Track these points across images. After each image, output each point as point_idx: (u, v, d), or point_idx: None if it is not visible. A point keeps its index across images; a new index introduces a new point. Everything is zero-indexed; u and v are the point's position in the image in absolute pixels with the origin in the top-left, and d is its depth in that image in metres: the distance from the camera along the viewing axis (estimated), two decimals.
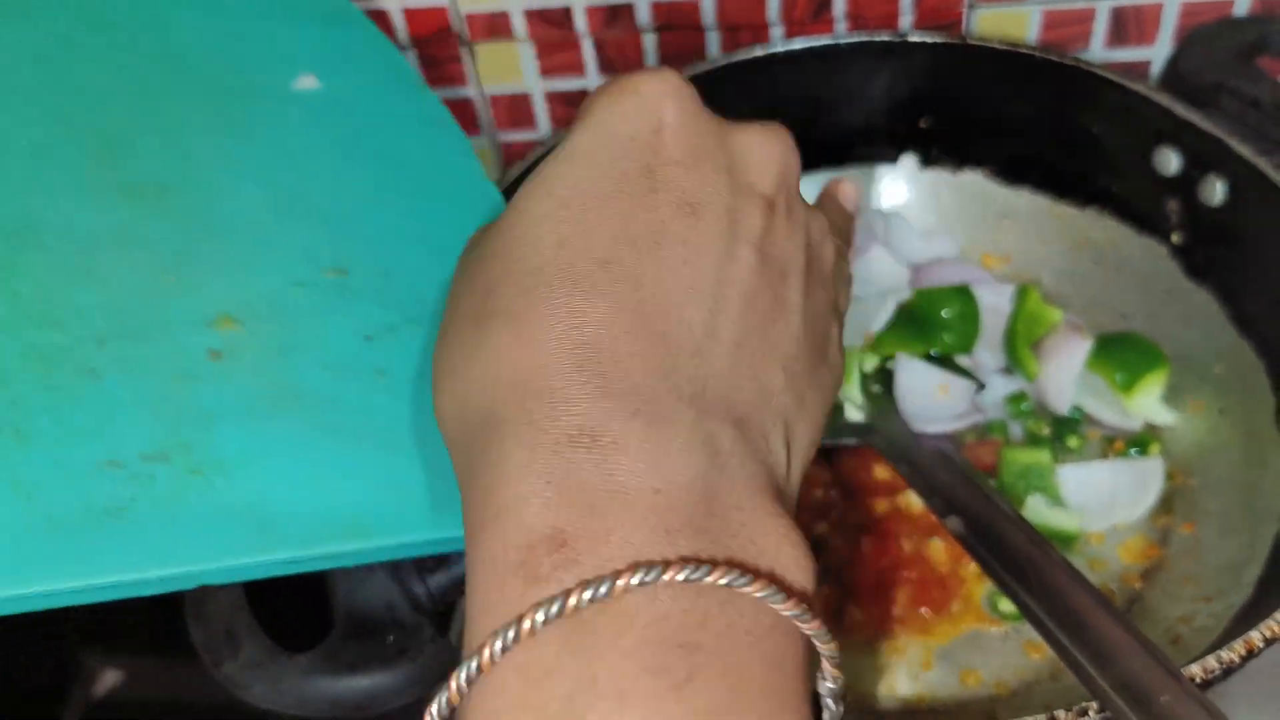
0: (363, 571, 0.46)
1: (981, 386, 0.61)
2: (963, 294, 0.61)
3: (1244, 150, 0.56)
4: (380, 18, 0.74)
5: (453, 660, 0.46)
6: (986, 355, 0.62)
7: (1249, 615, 0.49)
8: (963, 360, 0.61)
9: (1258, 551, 0.52)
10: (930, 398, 0.59)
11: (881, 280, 0.64)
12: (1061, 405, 0.60)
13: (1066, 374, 0.59)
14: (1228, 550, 0.53)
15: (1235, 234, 0.58)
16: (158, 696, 1.26)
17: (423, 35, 0.75)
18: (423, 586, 0.48)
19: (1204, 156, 0.58)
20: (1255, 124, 0.58)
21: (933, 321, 0.61)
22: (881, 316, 0.60)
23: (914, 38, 0.66)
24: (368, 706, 0.44)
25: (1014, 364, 0.61)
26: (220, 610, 0.46)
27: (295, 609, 0.56)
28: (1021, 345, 0.60)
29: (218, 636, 0.45)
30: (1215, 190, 0.58)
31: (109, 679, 1.30)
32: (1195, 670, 0.41)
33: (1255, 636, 0.42)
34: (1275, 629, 0.42)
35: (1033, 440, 0.60)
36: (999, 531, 0.48)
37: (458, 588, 0.49)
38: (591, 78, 0.77)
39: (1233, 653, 0.41)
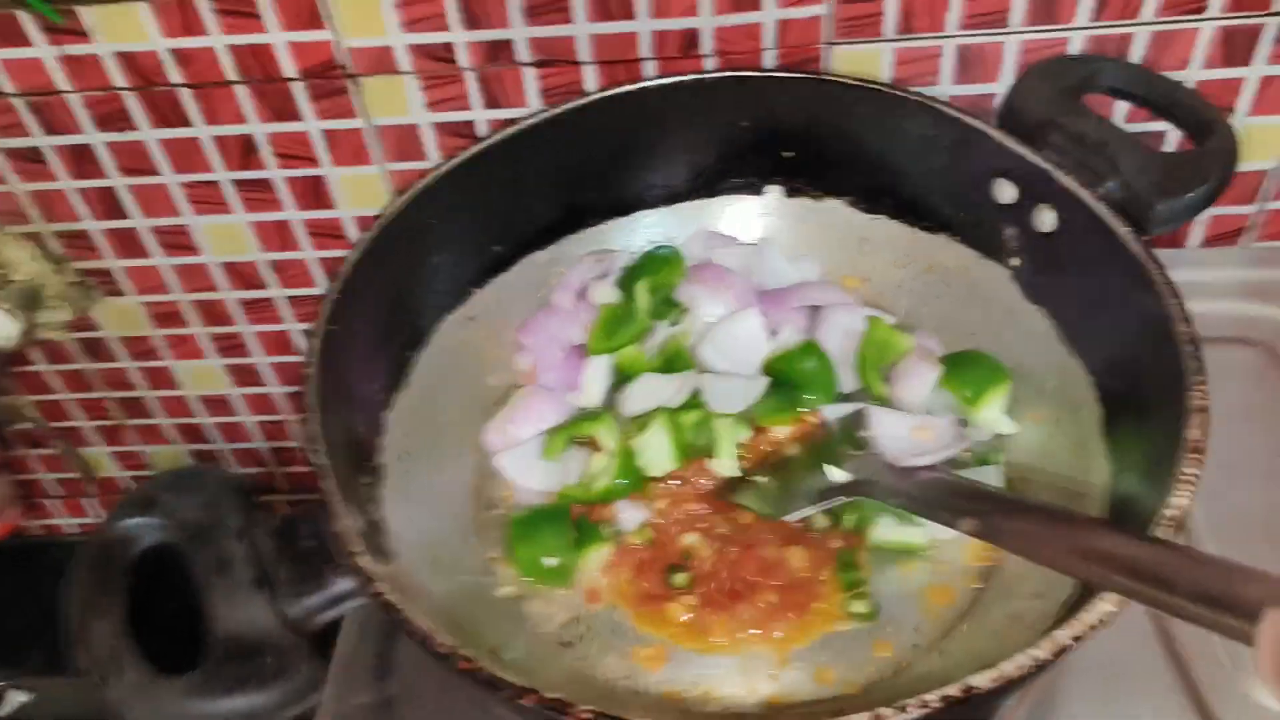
0: (240, 596, 0.49)
1: (964, 422, 0.64)
2: (810, 348, 0.65)
3: (1069, 182, 0.61)
4: (264, 50, 0.75)
5: (322, 677, 0.49)
6: (844, 376, 0.66)
7: (1074, 609, 0.52)
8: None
9: None
10: (909, 441, 0.62)
11: (749, 352, 0.68)
12: None
13: (913, 399, 0.64)
14: None
15: (1064, 259, 0.63)
16: (65, 714, 1.25)
17: (308, 68, 0.77)
18: (299, 609, 0.50)
19: (1035, 188, 0.63)
20: (1081, 158, 0.63)
21: (795, 381, 0.65)
22: (754, 391, 0.64)
23: (776, 74, 0.70)
24: None
25: (864, 387, 0.65)
26: (103, 635, 0.48)
27: (176, 634, 0.58)
28: (870, 370, 0.65)
29: (102, 660, 0.47)
30: (1046, 219, 0.63)
31: (16, 699, 1.29)
32: (1009, 668, 0.44)
33: (1063, 636, 0.46)
34: (1083, 628, 0.46)
35: None
36: (1003, 515, 0.53)
37: (332, 608, 0.51)
38: (477, 110, 0.80)
39: (1040, 650, 0.45)
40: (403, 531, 0.59)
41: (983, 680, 0.43)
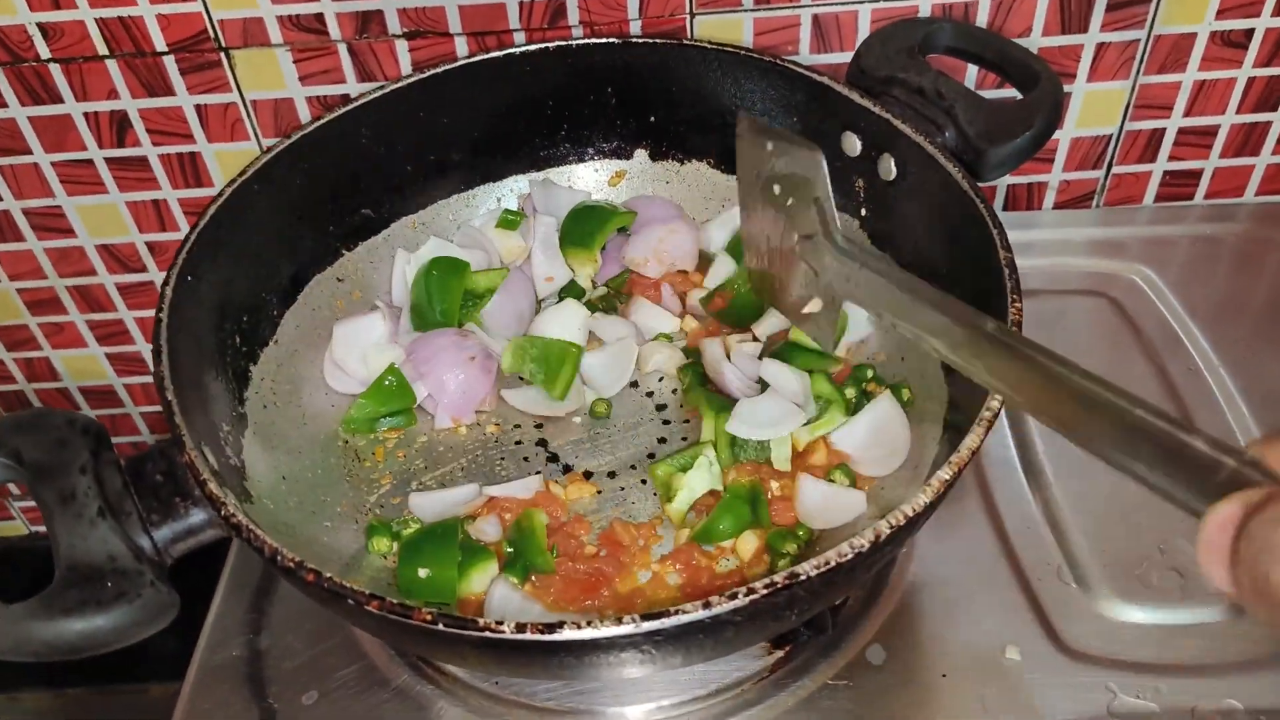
0: (83, 527, 0.49)
1: None
2: None
3: (907, 130, 0.64)
4: (133, 23, 0.76)
5: (168, 602, 0.49)
6: None
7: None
8: None
9: (920, 472, 0.59)
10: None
11: None
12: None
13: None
14: (898, 478, 0.61)
15: (904, 203, 0.66)
16: None
17: (178, 41, 0.77)
18: (147, 539, 0.50)
19: (878, 138, 0.67)
20: (920, 108, 0.66)
21: None
22: None
23: (637, 39, 0.73)
24: (84, 647, 0.46)
25: None
26: None
27: (19, 566, 0.57)
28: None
29: None
30: (889, 167, 0.66)
31: None
32: (831, 555, 0.45)
33: (882, 525, 0.47)
34: (899, 518, 0.47)
35: None
36: None
37: (182, 539, 0.52)
38: (351, 84, 0.81)
39: (863, 539, 0.46)
40: (265, 477, 0.60)
41: (808, 568, 0.45)
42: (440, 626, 0.44)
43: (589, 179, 0.78)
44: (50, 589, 0.47)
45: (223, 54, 0.78)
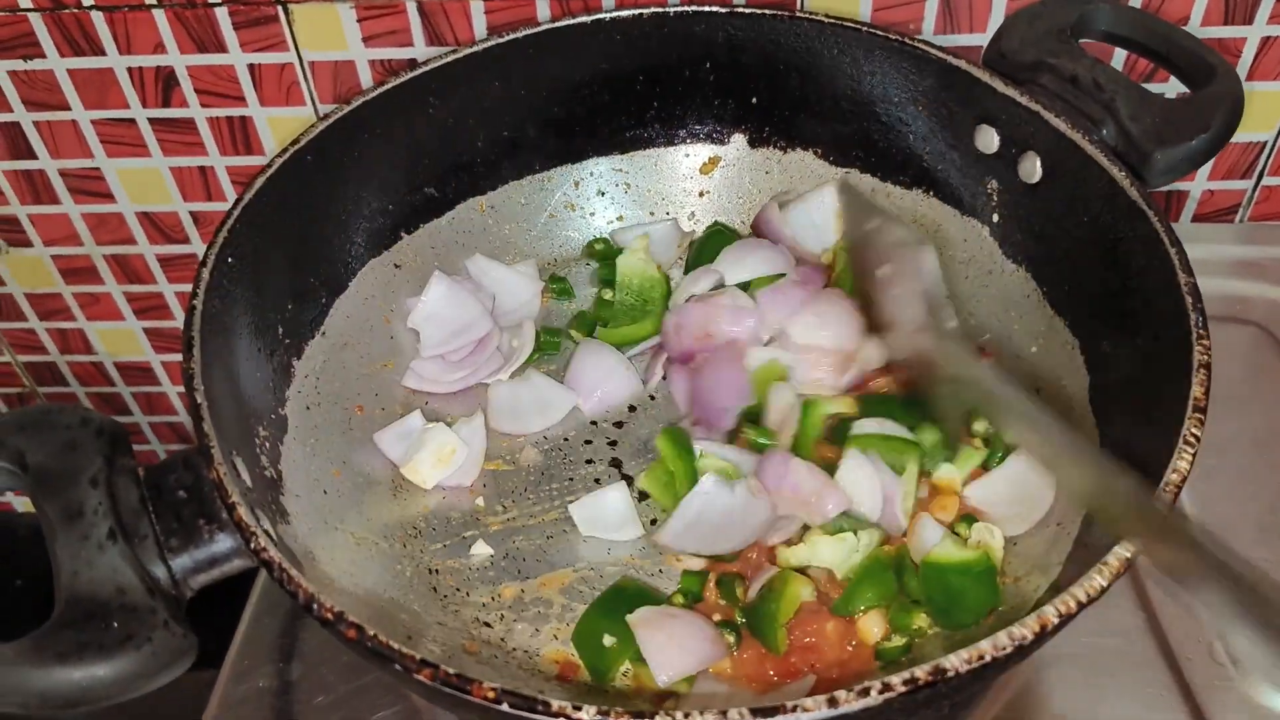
0: (92, 550, 0.41)
1: None
2: None
3: (1060, 125, 0.55)
4: None
5: (184, 647, 0.42)
6: None
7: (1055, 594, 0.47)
8: None
9: (1065, 531, 0.50)
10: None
11: None
12: None
13: None
14: (1036, 536, 0.52)
15: (1049, 211, 0.57)
16: None
17: None
18: (163, 569, 0.43)
19: (1022, 133, 0.58)
20: (1073, 100, 0.57)
21: None
22: None
23: (743, 9, 0.64)
24: (81, 700, 0.39)
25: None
26: None
27: (20, 593, 0.50)
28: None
29: None
30: (1033, 167, 0.57)
31: None
32: (986, 647, 0.38)
33: (1050, 612, 0.40)
34: (1070, 605, 0.40)
35: None
36: None
37: (208, 569, 0.44)
38: (419, 47, 0.73)
39: (1025, 629, 0.39)
40: (304, 491, 0.53)
41: (957, 663, 0.37)
42: (505, 707, 0.37)
43: (679, 165, 0.69)
44: (46, 627, 0.40)
45: (280, 9, 0.71)
